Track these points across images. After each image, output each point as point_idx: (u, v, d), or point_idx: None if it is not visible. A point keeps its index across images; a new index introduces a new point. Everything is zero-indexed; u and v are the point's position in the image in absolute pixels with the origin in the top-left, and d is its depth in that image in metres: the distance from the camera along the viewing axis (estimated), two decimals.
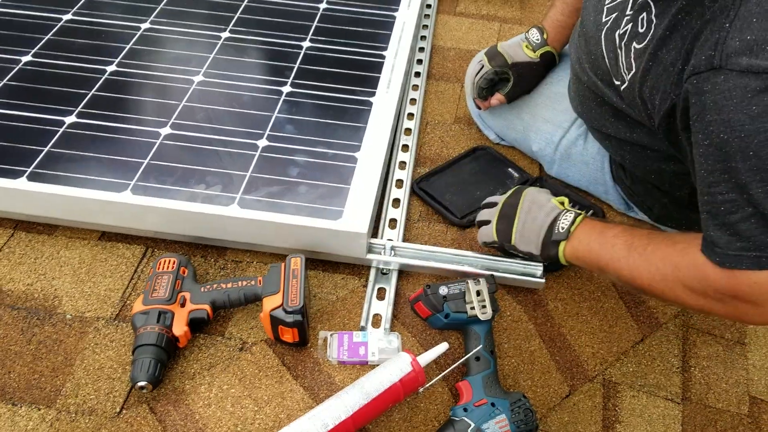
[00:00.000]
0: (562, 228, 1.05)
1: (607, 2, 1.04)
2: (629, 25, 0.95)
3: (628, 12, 0.96)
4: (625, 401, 1.18)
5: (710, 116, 0.78)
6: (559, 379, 1.15)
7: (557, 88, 1.31)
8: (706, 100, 0.78)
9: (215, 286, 1.08)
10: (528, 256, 1.12)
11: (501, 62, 1.30)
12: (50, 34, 1.48)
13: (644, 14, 0.92)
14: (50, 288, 1.13)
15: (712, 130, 0.79)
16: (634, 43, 0.93)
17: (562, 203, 1.11)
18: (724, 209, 0.82)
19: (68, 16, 1.54)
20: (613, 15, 1.01)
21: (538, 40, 1.30)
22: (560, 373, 1.16)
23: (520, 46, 1.31)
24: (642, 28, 0.92)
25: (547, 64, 1.33)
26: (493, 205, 1.16)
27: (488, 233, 1.14)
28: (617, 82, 1.00)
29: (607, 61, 1.02)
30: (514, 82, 1.30)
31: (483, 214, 1.17)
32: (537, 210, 1.09)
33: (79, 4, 1.58)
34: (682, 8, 0.85)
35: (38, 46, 1.45)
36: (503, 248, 1.15)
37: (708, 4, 0.81)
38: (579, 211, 1.07)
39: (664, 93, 0.88)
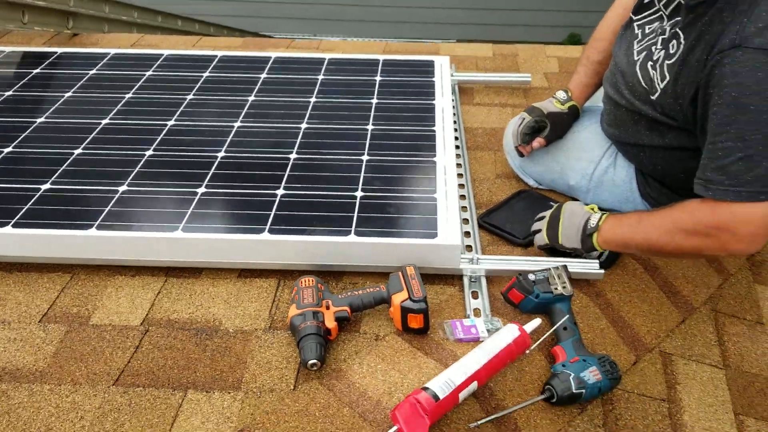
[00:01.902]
0: (593, 224, 1.43)
1: (635, 48, 1.46)
2: (661, 53, 1.35)
3: (658, 46, 1.37)
4: (679, 367, 1.45)
5: (727, 81, 1.14)
6: (627, 351, 1.42)
7: (584, 134, 1.69)
8: (726, 69, 1.15)
9: (349, 293, 1.36)
10: (573, 251, 1.47)
11: (539, 113, 1.67)
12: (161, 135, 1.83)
13: (674, 41, 1.32)
14: (209, 314, 1.39)
15: (727, 91, 1.14)
16: (667, 61, 1.32)
17: (593, 209, 1.48)
18: (721, 154, 1.17)
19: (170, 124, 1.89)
20: (644, 53, 1.42)
21: (564, 97, 1.69)
22: (626, 345, 1.43)
23: (551, 102, 1.70)
24: (673, 50, 1.31)
25: (573, 115, 1.71)
26: (542, 218, 1.53)
27: (541, 237, 1.51)
28: (652, 97, 1.38)
29: (643, 84, 1.41)
30: (551, 128, 1.67)
31: (536, 226, 1.54)
32: (574, 216, 1.47)
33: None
34: (705, 23, 1.24)
35: (155, 142, 1.79)
36: (554, 248, 1.50)
37: (726, 15, 1.19)
38: (605, 211, 1.45)
39: (691, 83, 1.25)
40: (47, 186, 1.60)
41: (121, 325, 1.36)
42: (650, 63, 1.39)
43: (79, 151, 1.75)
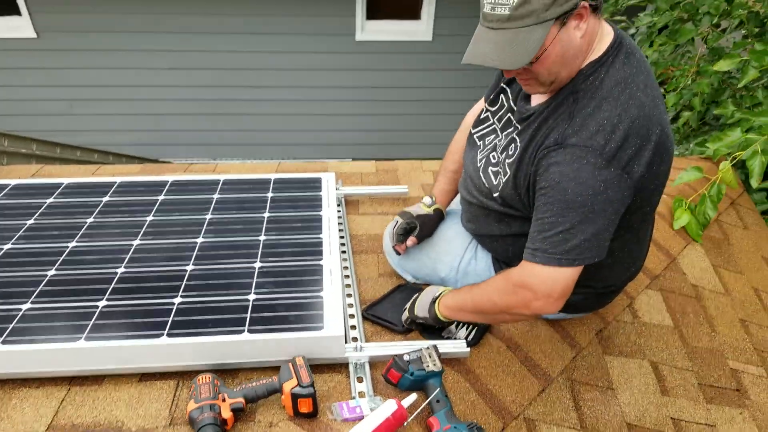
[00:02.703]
0: (435, 295, 1.71)
1: (478, 157, 1.75)
2: (503, 155, 1.63)
3: (497, 153, 1.66)
4: (543, 431, 1.65)
5: (552, 169, 1.43)
6: (495, 419, 1.61)
7: (449, 232, 1.95)
8: (551, 161, 1.43)
9: (244, 385, 1.49)
10: (424, 320, 1.73)
11: (409, 216, 1.93)
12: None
13: (513, 144, 1.60)
14: (112, 417, 1.48)
15: (552, 177, 1.42)
16: (508, 160, 1.60)
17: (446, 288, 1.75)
18: (547, 227, 1.44)
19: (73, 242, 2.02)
20: (484, 160, 1.71)
21: (429, 201, 1.97)
22: (494, 414, 1.62)
23: (419, 207, 1.96)
24: (512, 151, 1.59)
25: (438, 216, 1.97)
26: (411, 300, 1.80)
27: (405, 314, 1.78)
28: (495, 194, 1.66)
29: (486, 185, 1.69)
30: (420, 228, 1.92)
31: (406, 306, 1.81)
32: (428, 293, 1.76)
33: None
34: (535, 128, 1.52)
35: (57, 263, 1.89)
36: (414, 321, 1.76)
37: (551, 123, 1.48)
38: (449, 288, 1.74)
39: (525, 175, 1.53)
40: None
41: None
42: (490, 167, 1.68)
43: None
